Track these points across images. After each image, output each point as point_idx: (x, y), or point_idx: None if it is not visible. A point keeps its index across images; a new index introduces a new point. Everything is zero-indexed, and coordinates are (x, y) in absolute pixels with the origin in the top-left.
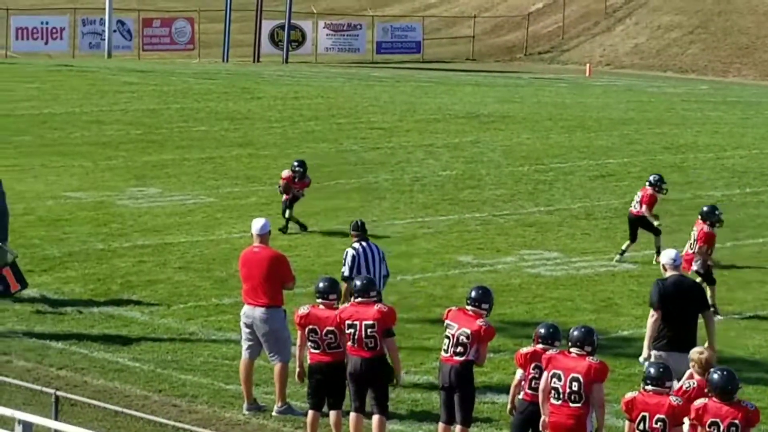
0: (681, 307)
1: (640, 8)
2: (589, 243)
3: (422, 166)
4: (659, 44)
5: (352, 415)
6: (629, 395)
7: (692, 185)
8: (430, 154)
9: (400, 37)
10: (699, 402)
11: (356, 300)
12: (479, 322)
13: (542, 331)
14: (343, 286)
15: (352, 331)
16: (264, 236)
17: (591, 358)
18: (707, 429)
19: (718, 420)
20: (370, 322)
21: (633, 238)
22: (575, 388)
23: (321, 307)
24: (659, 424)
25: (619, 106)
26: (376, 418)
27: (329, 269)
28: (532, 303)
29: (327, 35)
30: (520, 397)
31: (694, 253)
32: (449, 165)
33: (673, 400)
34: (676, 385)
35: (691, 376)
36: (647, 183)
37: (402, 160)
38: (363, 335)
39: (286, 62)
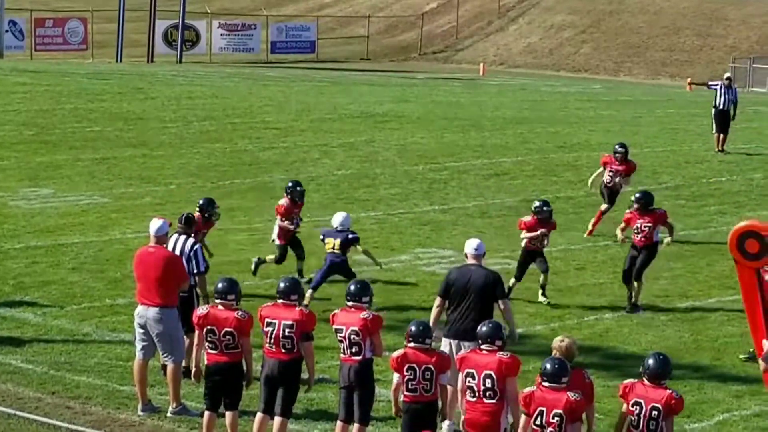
0: (466, 296)
1: (532, 8)
2: (483, 241)
3: (317, 166)
4: (552, 43)
5: (259, 415)
6: (527, 390)
7: (586, 183)
8: (326, 154)
9: (295, 36)
10: (628, 381)
11: (279, 301)
12: (363, 315)
13: (413, 329)
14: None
15: (270, 329)
16: (161, 237)
17: (502, 353)
18: (630, 407)
19: (641, 401)
20: (290, 322)
21: None
22: (489, 385)
23: (220, 307)
24: (556, 419)
25: (512, 105)
26: (278, 420)
27: (225, 269)
28: (428, 301)
29: (221, 35)
30: (402, 399)
31: None
32: (344, 164)
33: (571, 395)
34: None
35: None
36: None
37: (297, 159)
38: (281, 335)
39: (180, 62)
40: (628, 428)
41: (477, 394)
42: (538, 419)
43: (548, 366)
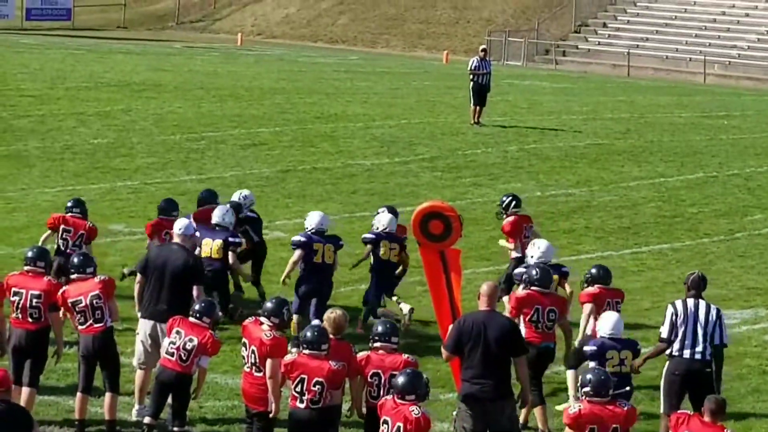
0: (162, 276)
1: None
2: None
3: (73, 135)
4: (310, 14)
5: None
6: (288, 358)
7: (343, 154)
8: (82, 123)
9: (51, 3)
10: (362, 354)
11: (26, 269)
12: (97, 279)
13: None
14: None
15: (17, 299)
16: None
17: (276, 333)
18: (369, 379)
19: (380, 371)
20: (37, 292)
21: None
22: (253, 361)
23: None
24: (317, 387)
25: (270, 75)
26: (25, 390)
27: None
28: None
29: None
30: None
31: None
32: (101, 133)
33: (332, 364)
34: None
35: None
36: None
37: (53, 128)
38: (28, 305)
39: None
40: (367, 400)
41: (246, 364)
42: (299, 386)
43: (308, 334)
